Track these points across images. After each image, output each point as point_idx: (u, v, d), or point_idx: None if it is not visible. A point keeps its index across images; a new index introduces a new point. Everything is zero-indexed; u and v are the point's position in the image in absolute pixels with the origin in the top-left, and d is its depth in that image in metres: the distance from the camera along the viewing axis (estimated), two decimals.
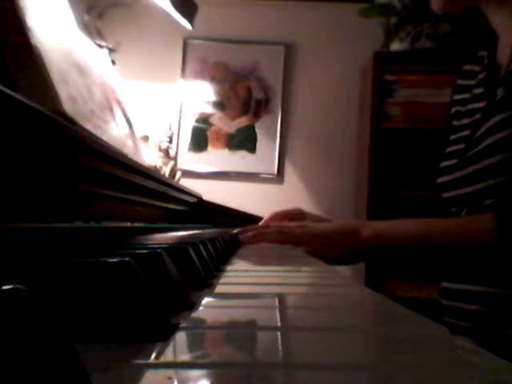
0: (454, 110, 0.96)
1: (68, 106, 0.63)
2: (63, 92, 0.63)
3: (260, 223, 1.06)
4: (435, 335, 0.24)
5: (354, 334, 0.25)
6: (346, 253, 0.86)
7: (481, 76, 0.91)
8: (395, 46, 2.34)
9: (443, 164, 0.91)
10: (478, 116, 0.86)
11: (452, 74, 2.24)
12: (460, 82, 0.98)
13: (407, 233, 0.83)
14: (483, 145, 0.80)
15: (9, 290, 0.14)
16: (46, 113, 0.44)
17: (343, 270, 0.88)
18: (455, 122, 0.94)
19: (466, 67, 0.97)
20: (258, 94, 2.64)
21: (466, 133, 0.88)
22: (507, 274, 0.75)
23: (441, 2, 0.83)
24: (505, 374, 0.18)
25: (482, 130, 0.81)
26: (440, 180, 0.91)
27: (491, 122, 0.80)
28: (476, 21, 2.20)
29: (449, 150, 0.91)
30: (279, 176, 2.60)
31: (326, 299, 0.36)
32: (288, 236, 0.89)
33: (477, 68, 0.94)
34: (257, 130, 2.62)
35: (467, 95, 0.93)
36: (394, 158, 2.32)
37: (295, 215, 1.02)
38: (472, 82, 0.93)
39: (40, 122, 0.43)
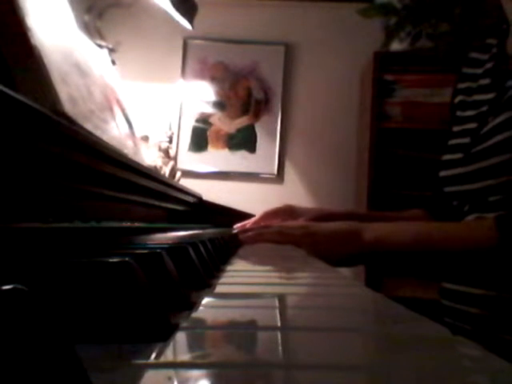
0: (458, 99, 0.93)
1: (68, 106, 0.63)
2: (63, 92, 0.63)
3: (250, 221, 1.05)
4: (435, 335, 0.24)
5: (354, 334, 0.25)
6: (346, 255, 0.85)
7: (488, 65, 0.88)
8: (395, 46, 2.34)
9: (446, 157, 0.89)
10: (484, 108, 0.84)
11: (452, 74, 2.25)
12: (465, 70, 0.95)
13: (408, 238, 0.82)
14: (491, 142, 0.78)
15: (9, 289, 0.14)
16: (46, 113, 0.44)
17: (343, 269, 0.88)
18: (459, 113, 0.91)
19: (473, 55, 0.94)
20: (257, 94, 2.64)
21: (471, 126, 0.85)
22: (508, 278, 0.75)
23: None
24: (505, 374, 0.18)
25: (490, 125, 0.80)
26: (443, 174, 0.89)
27: (500, 118, 0.78)
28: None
29: (452, 142, 0.89)
30: (279, 176, 2.60)
31: (326, 299, 0.36)
32: (288, 237, 0.88)
33: (484, 56, 0.91)
34: (257, 130, 2.62)
35: (472, 84, 0.90)
36: (394, 157, 2.32)
37: (285, 212, 1.02)
38: (478, 71, 0.90)
39: (40, 122, 0.43)
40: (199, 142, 2.62)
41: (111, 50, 1.07)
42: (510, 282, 0.74)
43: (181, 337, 0.23)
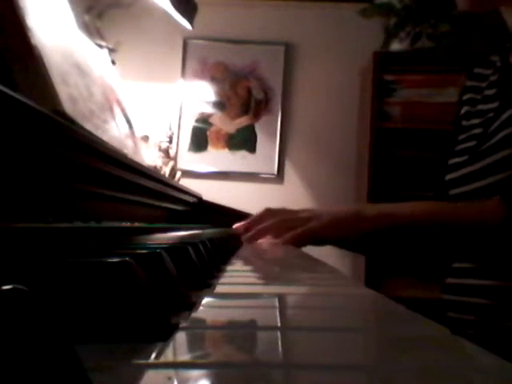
0: (463, 110, 0.96)
1: (68, 106, 0.63)
2: (63, 92, 0.63)
3: (250, 220, 1.04)
4: (435, 335, 0.24)
5: (354, 334, 0.25)
6: (348, 231, 0.85)
7: (493, 78, 0.91)
8: (395, 46, 2.34)
9: (452, 161, 0.90)
10: (490, 115, 0.86)
11: (452, 74, 2.25)
12: (469, 83, 0.97)
13: (410, 211, 0.83)
14: (496, 139, 0.80)
15: (9, 290, 0.14)
16: (46, 113, 0.44)
17: (343, 270, 0.88)
18: (464, 122, 0.93)
19: (477, 70, 0.97)
20: (257, 94, 2.64)
21: (477, 131, 0.87)
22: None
23: (466, 2, 0.83)
24: (505, 373, 0.18)
25: (495, 125, 0.81)
26: (449, 177, 0.90)
27: (504, 116, 0.80)
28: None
29: (459, 147, 0.91)
30: (279, 176, 2.60)
31: (326, 299, 0.36)
32: (294, 222, 0.88)
33: (488, 71, 0.94)
34: (257, 130, 2.62)
35: (477, 96, 0.93)
36: (394, 158, 2.32)
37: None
38: (483, 84, 0.93)
39: (40, 122, 0.43)
40: (199, 142, 2.62)
41: (111, 50, 1.07)
42: None
43: (181, 337, 0.23)
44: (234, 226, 0.99)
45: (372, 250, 1.05)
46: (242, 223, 0.99)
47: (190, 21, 1.45)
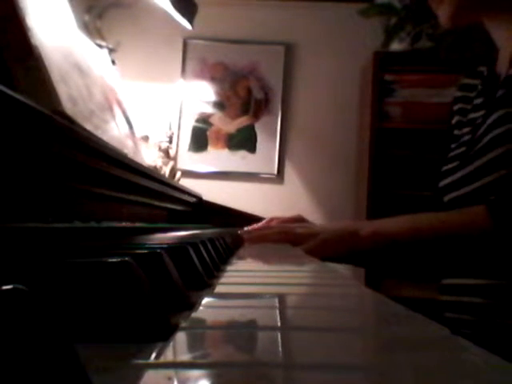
0: (454, 120, 0.98)
1: (68, 106, 0.63)
2: (63, 92, 0.63)
3: (259, 225, 1.06)
4: (435, 335, 0.24)
5: (354, 334, 0.25)
6: (345, 250, 0.86)
7: (481, 87, 0.93)
8: (395, 46, 2.34)
9: (445, 168, 0.92)
10: (478, 121, 0.87)
11: (452, 74, 2.25)
12: (459, 93, 0.99)
13: (403, 225, 0.84)
14: (483, 142, 0.81)
15: (9, 290, 0.14)
16: (46, 113, 0.44)
17: (343, 270, 0.89)
18: (456, 131, 0.95)
19: (465, 81, 0.99)
20: (257, 94, 2.64)
21: (466, 138, 0.89)
22: (506, 264, 0.76)
23: (447, 17, 0.85)
24: (505, 374, 0.18)
25: (482, 130, 0.83)
26: (442, 183, 0.91)
27: (490, 120, 0.81)
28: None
29: (450, 155, 0.93)
30: (279, 176, 2.60)
31: (326, 299, 0.36)
32: (290, 235, 0.89)
33: (476, 82, 0.96)
34: (257, 130, 2.63)
35: (467, 106, 0.95)
36: (394, 158, 2.32)
37: (295, 222, 1.02)
38: (471, 94, 0.95)
39: (40, 122, 0.43)
40: (199, 142, 2.62)
41: (111, 50, 1.07)
42: (508, 267, 0.75)
43: (181, 337, 0.23)
44: (245, 229, 1.01)
45: (370, 264, 1.06)
46: (252, 227, 1.02)
47: (190, 21, 1.45)
